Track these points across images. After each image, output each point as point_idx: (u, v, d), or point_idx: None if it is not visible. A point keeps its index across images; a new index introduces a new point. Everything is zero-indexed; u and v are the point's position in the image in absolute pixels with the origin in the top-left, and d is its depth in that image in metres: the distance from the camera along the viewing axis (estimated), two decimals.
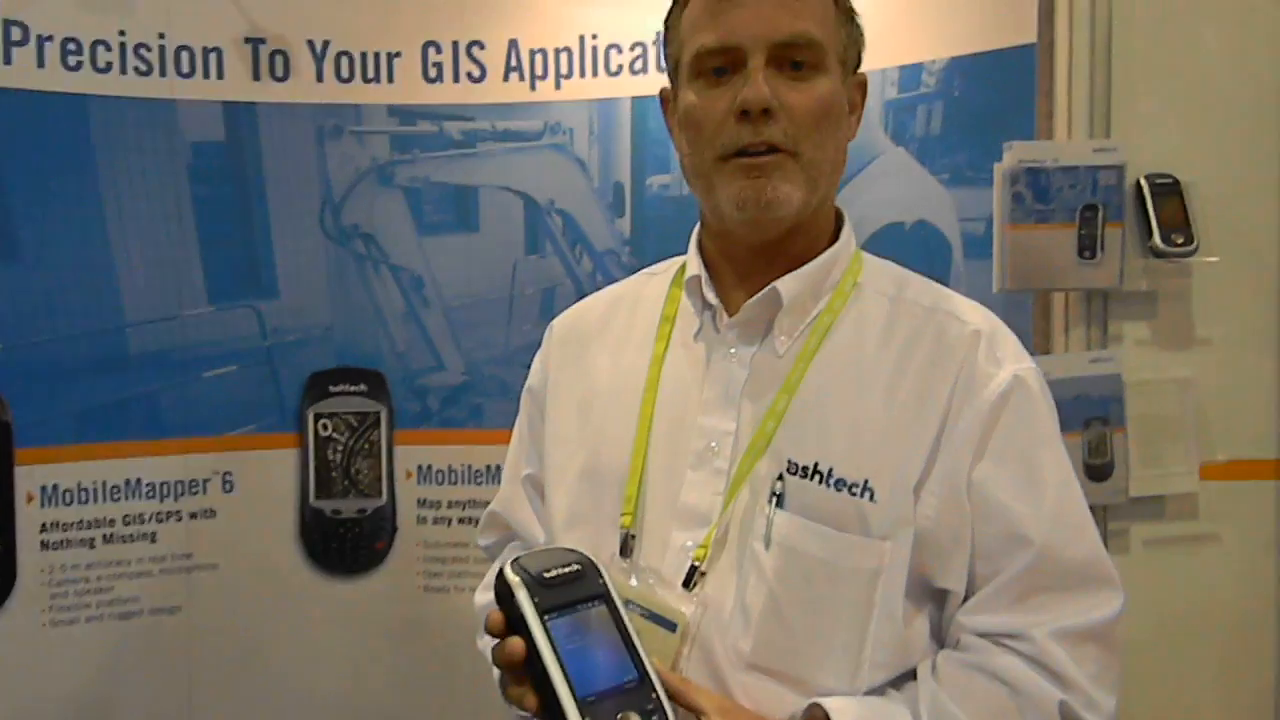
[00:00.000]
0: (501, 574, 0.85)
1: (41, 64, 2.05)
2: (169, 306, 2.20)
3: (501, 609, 0.85)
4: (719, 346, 0.98)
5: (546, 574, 0.84)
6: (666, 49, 1.06)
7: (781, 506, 0.91)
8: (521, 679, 0.83)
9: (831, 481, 0.90)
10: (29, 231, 2.07)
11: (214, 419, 2.24)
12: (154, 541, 2.21)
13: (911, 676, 0.92)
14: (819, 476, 0.90)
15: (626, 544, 0.96)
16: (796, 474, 0.91)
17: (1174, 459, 1.74)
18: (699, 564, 0.92)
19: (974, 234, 1.84)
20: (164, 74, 2.15)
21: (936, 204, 1.90)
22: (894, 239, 1.91)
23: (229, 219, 2.23)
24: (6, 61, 2.03)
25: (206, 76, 2.18)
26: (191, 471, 2.23)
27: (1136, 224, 1.71)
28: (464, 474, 2.30)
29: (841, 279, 0.99)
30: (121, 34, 2.12)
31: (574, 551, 0.87)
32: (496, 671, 0.99)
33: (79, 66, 2.08)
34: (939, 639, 0.94)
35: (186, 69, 2.16)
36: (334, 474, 2.28)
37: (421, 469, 2.31)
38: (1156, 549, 1.76)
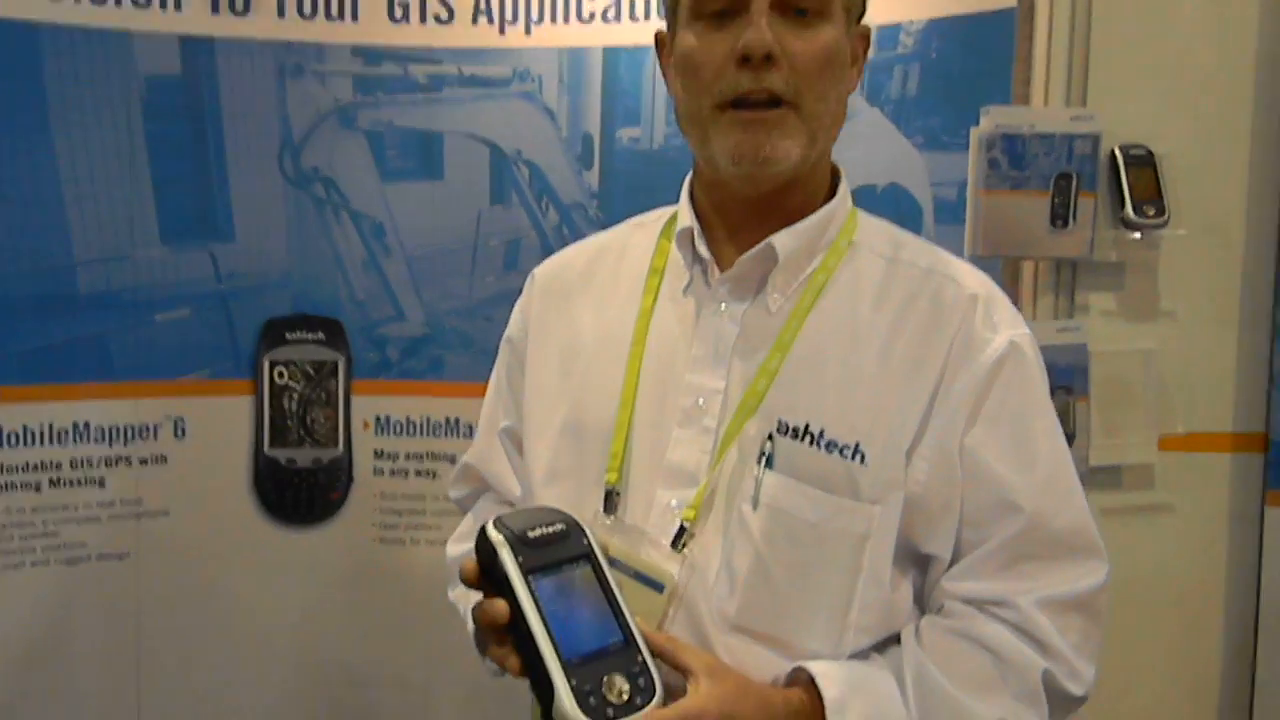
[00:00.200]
0: (484, 533, 0.83)
1: None
2: (120, 246, 2.13)
3: (482, 568, 0.83)
4: (709, 302, 0.96)
5: (530, 533, 0.82)
6: None
7: (770, 467, 0.89)
8: (503, 639, 0.82)
9: (822, 443, 0.89)
10: None
11: (166, 363, 2.19)
12: (102, 486, 2.16)
13: (895, 640, 0.92)
14: (809, 438, 0.89)
15: (610, 501, 0.94)
16: (786, 434, 0.89)
17: (1133, 429, 1.75)
18: (688, 524, 0.90)
19: (946, 199, 1.83)
20: (119, 3, 2.07)
21: (909, 167, 1.88)
22: (865, 201, 1.84)
23: (183, 157, 2.16)
24: None
25: (163, 8, 2.10)
26: (142, 416, 2.18)
27: (1109, 194, 1.71)
28: (423, 426, 2.27)
29: (837, 237, 0.96)
30: None
31: (557, 511, 0.85)
32: (471, 625, 0.98)
33: None
34: (921, 603, 0.93)
35: None
36: (289, 423, 2.24)
37: (379, 420, 2.28)
38: (1112, 518, 1.78)
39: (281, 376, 2.23)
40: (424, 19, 2.18)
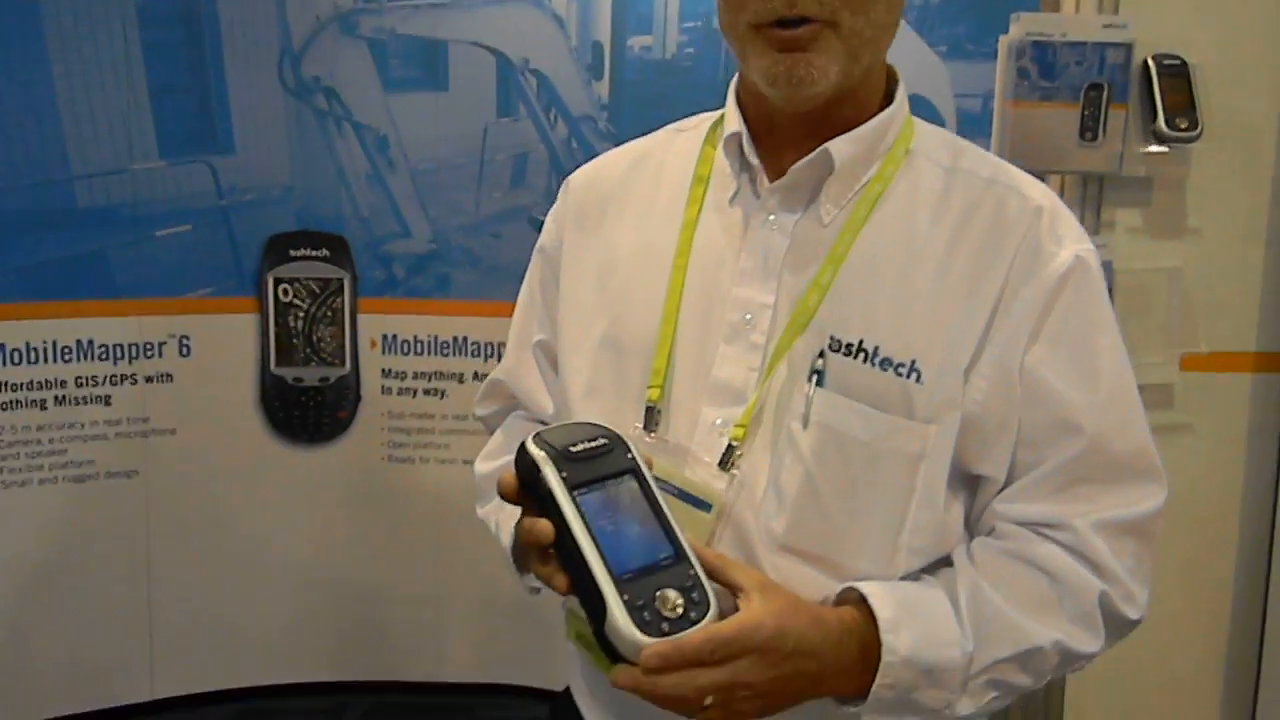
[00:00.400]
0: (524, 449, 0.79)
1: None
2: (118, 159, 2.08)
3: (523, 485, 0.79)
4: (758, 212, 0.91)
5: (573, 448, 0.79)
6: None
7: (821, 385, 0.86)
8: (547, 558, 0.79)
9: (876, 360, 0.85)
10: None
11: (168, 280, 2.16)
12: (108, 405, 2.14)
13: (945, 562, 0.89)
14: (863, 355, 0.85)
15: (651, 418, 0.90)
16: (839, 351, 0.86)
17: (1156, 349, 1.72)
18: (736, 443, 0.87)
19: (970, 111, 1.77)
20: None
21: (932, 77, 1.82)
22: None
23: (181, 67, 2.10)
24: None
25: None
26: (146, 334, 2.15)
27: (1140, 107, 1.65)
28: (430, 345, 2.24)
29: (894, 144, 0.91)
30: None
31: (599, 425, 0.82)
32: (505, 542, 0.95)
33: None
34: (969, 526, 0.91)
35: None
36: (295, 341, 2.21)
37: (386, 338, 2.25)
38: None
39: (286, 294, 2.20)
40: None
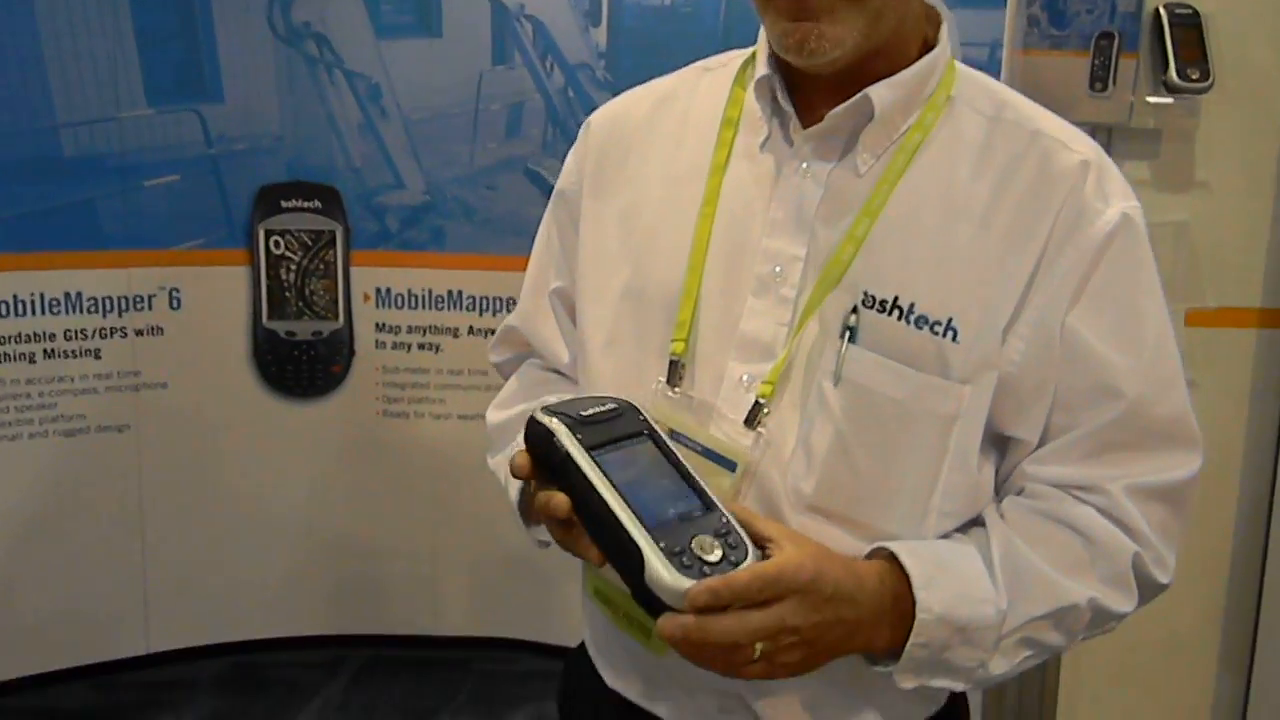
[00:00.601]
0: (535, 421, 0.77)
1: None
2: (105, 107, 2.04)
3: (538, 459, 0.77)
4: (790, 160, 0.87)
5: (584, 413, 0.77)
6: None
7: (854, 342, 0.82)
8: (568, 528, 0.77)
9: (912, 318, 0.82)
10: None
11: (158, 231, 2.12)
12: (98, 358, 2.12)
13: (975, 523, 0.87)
14: (898, 312, 0.82)
15: (675, 372, 0.87)
16: (873, 308, 0.82)
17: None
18: (764, 400, 0.84)
19: (976, 60, 1.73)
20: None
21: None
22: None
23: (169, 12, 2.05)
24: None
25: None
26: (136, 286, 2.12)
27: (1150, 57, 1.62)
28: (425, 299, 2.22)
29: (935, 90, 0.87)
30: None
31: (605, 396, 0.81)
32: (514, 495, 0.93)
33: None
34: (996, 487, 0.89)
35: None
36: (288, 294, 2.18)
37: (380, 292, 2.22)
38: None
39: (278, 246, 2.16)
40: None
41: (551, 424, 0.76)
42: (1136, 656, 1.80)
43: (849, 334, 0.83)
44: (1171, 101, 1.64)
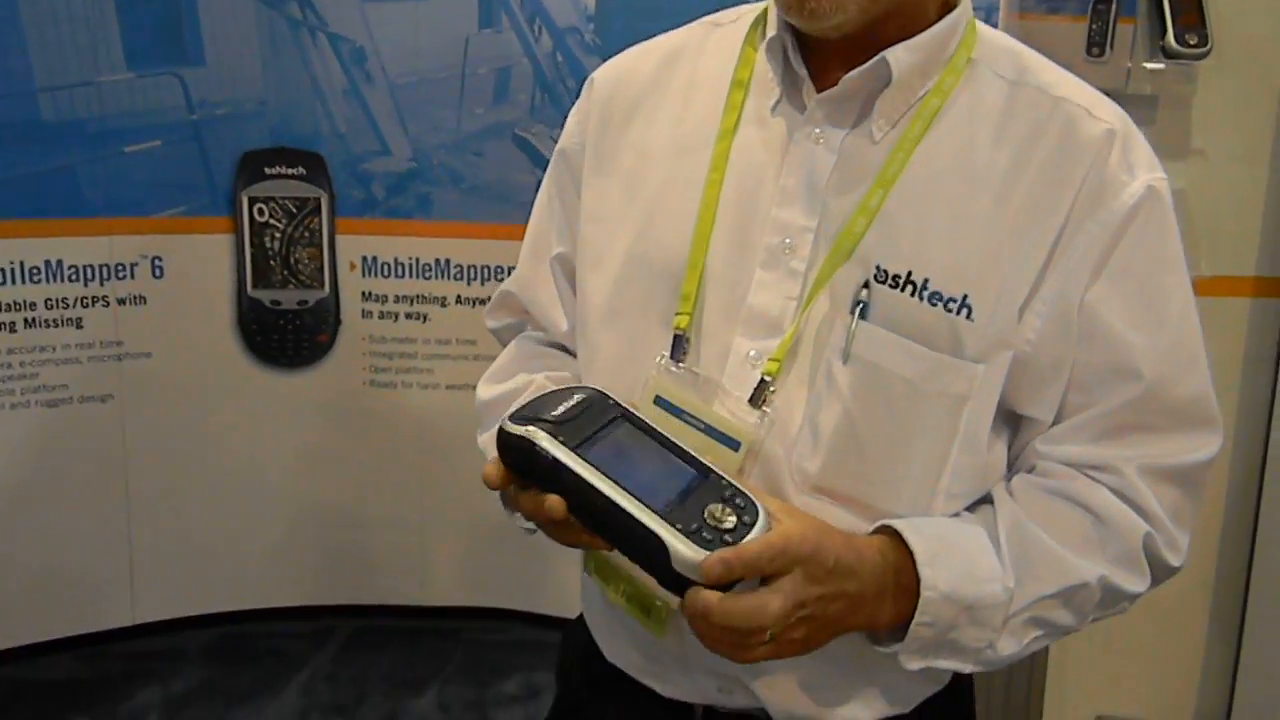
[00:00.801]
0: (506, 433, 0.75)
1: None
2: (84, 70, 1.99)
3: (518, 469, 0.75)
4: (802, 125, 0.83)
5: (555, 413, 0.75)
6: None
7: (865, 318, 0.79)
8: (569, 529, 0.76)
9: (925, 294, 0.79)
10: None
11: (139, 199, 2.08)
12: (80, 327, 2.08)
13: (983, 502, 0.85)
14: (911, 287, 0.79)
15: (678, 347, 0.84)
16: (885, 283, 0.79)
17: None
18: (769, 378, 0.81)
19: None
20: None
21: None
22: None
23: None
24: None
25: None
26: (117, 255, 2.08)
27: (1148, 21, 1.60)
28: (411, 268, 2.19)
29: (955, 52, 0.83)
30: None
31: (566, 389, 0.79)
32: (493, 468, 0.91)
33: None
34: (1007, 465, 0.87)
35: None
36: (272, 263, 2.15)
37: (366, 260, 2.19)
38: None
39: (262, 214, 2.13)
40: None
41: (529, 432, 0.74)
42: (1126, 624, 1.81)
43: (860, 309, 0.80)
44: (1168, 67, 1.62)
